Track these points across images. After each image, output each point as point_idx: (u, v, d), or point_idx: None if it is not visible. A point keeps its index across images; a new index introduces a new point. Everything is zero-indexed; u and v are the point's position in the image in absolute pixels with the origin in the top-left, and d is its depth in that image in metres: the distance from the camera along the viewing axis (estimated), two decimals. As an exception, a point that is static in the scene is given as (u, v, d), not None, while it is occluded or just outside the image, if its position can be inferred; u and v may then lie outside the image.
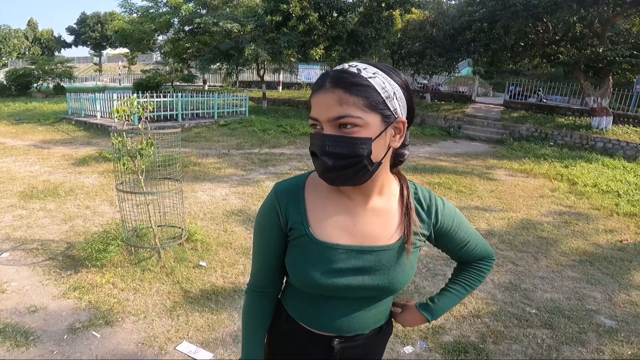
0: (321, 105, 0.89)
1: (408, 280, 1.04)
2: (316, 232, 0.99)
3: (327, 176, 0.92)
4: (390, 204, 1.02)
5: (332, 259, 0.97)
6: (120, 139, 3.30)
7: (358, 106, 0.87)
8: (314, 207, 1.00)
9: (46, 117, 12.53)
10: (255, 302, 1.14)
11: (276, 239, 1.04)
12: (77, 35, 40.99)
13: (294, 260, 1.02)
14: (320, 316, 1.06)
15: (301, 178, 1.05)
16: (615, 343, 2.81)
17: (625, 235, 4.88)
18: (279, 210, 1.01)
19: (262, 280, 1.12)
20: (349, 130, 0.87)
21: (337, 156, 0.88)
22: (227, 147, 9.38)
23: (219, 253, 3.92)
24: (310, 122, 0.94)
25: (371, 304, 1.06)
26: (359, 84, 0.88)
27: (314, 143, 0.92)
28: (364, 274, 0.99)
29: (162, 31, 18.26)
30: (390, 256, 1.00)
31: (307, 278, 0.99)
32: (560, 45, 12.81)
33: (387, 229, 1.00)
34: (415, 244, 1.03)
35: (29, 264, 3.58)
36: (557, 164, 9.02)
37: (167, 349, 2.58)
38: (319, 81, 0.92)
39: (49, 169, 6.85)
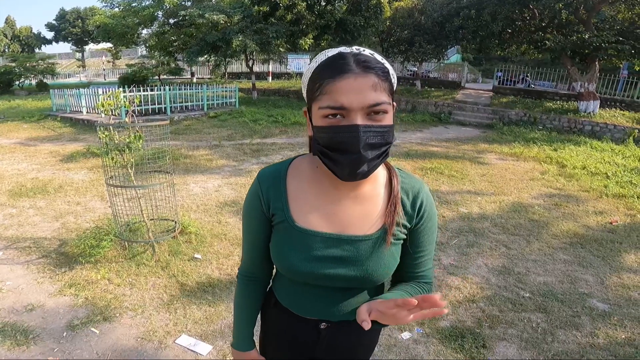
0: (352, 91, 0.82)
1: (389, 272, 1.00)
2: (296, 218, 0.97)
3: (359, 172, 0.86)
4: (376, 191, 0.98)
5: (311, 246, 0.96)
6: (107, 133, 3.25)
7: (386, 91, 0.85)
8: (296, 193, 0.99)
9: (31, 115, 12.30)
10: (246, 287, 1.15)
11: (261, 224, 1.03)
12: (57, 31, 40.06)
13: (275, 246, 1.01)
14: (305, 302, 1.06)
15: (284, 164, 1.03)
16: (609, 327, 2.84)
17: (615, 217, 4.96)
18: (261, 196, 1.00)
19: (251, 266, 1.12)
20: (381, 117, 0.85)
21: (374, 147, 0.85)
22: (218, 138, 9.30)
23: (214, 245, 3.91)
24: (324, 112, 0.85)
25: (355, 293, 1.04)
26: (385, 69, 0.86)
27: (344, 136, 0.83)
28: (342, 263, 0.96)
29: (146, 25, 17.90)
30: (368, 246, 0.96)
31: (287, 264, 0.98)
32: (546, 32, 12.88)
33: (368, 217, 0.97)
34: (397, 235, 0.99)
35: (23, 262, 3.54)
36: (546, 147, 9.11)
37: (167, 342, 2.58)
38: (338, 64, 0.84)
39: (37, 167, 6.75)
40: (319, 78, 0.85)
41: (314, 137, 0.90)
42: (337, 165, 0.86)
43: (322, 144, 0.87)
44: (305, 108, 0.96)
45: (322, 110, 0.85)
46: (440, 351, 2.54)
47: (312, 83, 0.88)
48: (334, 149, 0.85)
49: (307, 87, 0.90)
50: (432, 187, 5.92)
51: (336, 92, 0.82)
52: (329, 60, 0.86)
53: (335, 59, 0.85)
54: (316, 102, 0.86)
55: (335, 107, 0.82)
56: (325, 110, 0.84)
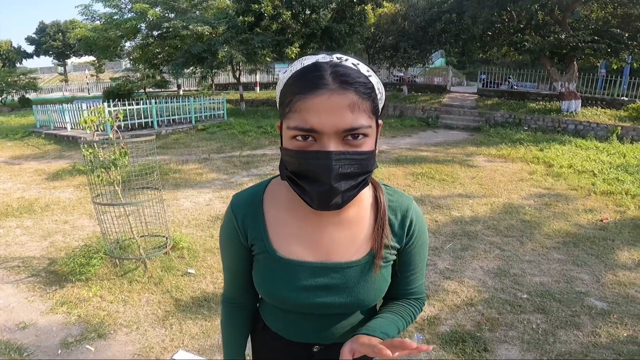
0: (325, 111, 0.70)
1: (380, 295, 0.94)
2: (277, 248, 0.89)
3: (332, 204, 0.75)
4: (362, 214, 0.90)
5: (296, 277, 0.88)
6: (91, 150, 3.19)
7: (367, 112, 0.73)
8: (275, 220, 0.90)
9: (14, 132, 12.12)
10: (231, 314, 1.08)
11: (240, 254, 0.95)
12: (38, 45, 39.46)
13: (258, 277, 0.93)
14: (295, 329, 0.99)
15: (259, 188, 0.94)
16: (610, 325, 2.84)
17: (605, 214, 5.03)
18: (236, 225, 0.92)
19: (234, 293, 1.05)
20: (359, 142, 0.73)
21: (349, 177, 0.74)
22: (207, 151, 9.24)
23: (207, 259, 3.85)
24: (292, 133, 0.73)
25: (347, 316, 0.97)
26: (367, 84, 0.74)
27: (313, 164, 0.72)
28: (331, 292, 0.89)
29: (129, 37, 17.73)
30: (357, 272, 0.89)
31: (272, 294, 0.91)
32: (525, 33, 13.13)
33: (355, 242, 0.89)
34: (387, 258, 0.91)
35: (12, 281, 3.46)
36: (532, 147, 9.23)
37: (164, 358, 2.52)
38: (312, 77, 0.71)
39: (22, 186, 6.62)
40: (290, 92, 0.74)
41: (282, 160, 0.81)
42: (305, 194, 0.77)
43: (290, 169, 0.78)
44: (278, 122, 0.84)
45: (290, 131, 0.74)
46: (442, 357, 2.53)
47: (283, 96, 0.77)
48: (303, 176, 0.75)
49: (279, 100, 0.80)
50: (424, 192, 5.94)
51: (306, 111, 0.70)
52: (302, 71, 0.74)
53: (309, 70, 0.73)
54: (286, 120, 0.76)
55: (304, 129, 0.71)
56: (293, 131, 0.73)
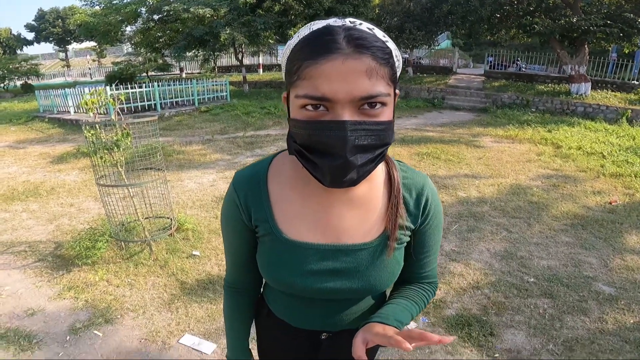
0: (339, 77, 0.63)
1: (393, 279, 0.89)
2: (283, 229, 0.83)
3: (346, 180, 0.69)
4: (375, 192, 0.84)
5: (304, 260, 0.83)
6: (93, 131, 3.16)
7: (385, 79, 0.67)
8: (280, 199, 0.84)
9: (18, 117, 12.09)
10: (234, 299, 1.03)
11: (243, 236, 0.90)
12: (38, 32, 39.15)
13: (263, 260, 0.88)
14: (301, 315, 0.95)
15: (263, 164, 0.87)
16: (617, 311, 2.79)
17: (614, 197, 4.96)
18: (239, 205, 0.86)
19: (237, 277, 1.00)
20: (376, 111, 0.67)
21: (366, 150, 0.68)
22: (211, 132, 9.19)
23: (212, 241, 3.84)
24: (302, 102, 0.67)
25: (357, 302, 0.93)
26: (385, 49, 0.67)
27: (326, 135, 0.66)
28: (340, 276, 0.84)
29: (130, 22, 17.51)
30: (369, 255, 0.83)
31: (277, 279, 0.86)
32: (534, 16, 12.86)
33: (366, 222, 0.84)
34: (400, 239, 0.86)
35: (20, 267, 3.46)
36: (540, 129, 9.10)
37: (170, 342, 2.53)
38: (323, 41, 0.65)
39: (28, 169, 6.62)
40: (299, 58, 0.67)
41: (290, 132, 0.74)
42: (317, 170, 0.70)
43: (299, 141, 0.71)
44: (284, 93, 0.77)
45: (299, 100, 0.67)
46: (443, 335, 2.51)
47: (290, 63, 0.70)
48: (313, 149, 0.69)
49: (285, 68, 0.73)
50: (430, 172, 5.88)
51: (318, 77, 0.64)
52: (312, 35, 0.67)
53: (320, 34, 0.66)
54: (294, 89, 0.69)
55: (315, 97, 0.65)
56: (303, 99, 0.67)
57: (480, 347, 2.45)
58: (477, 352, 2.42)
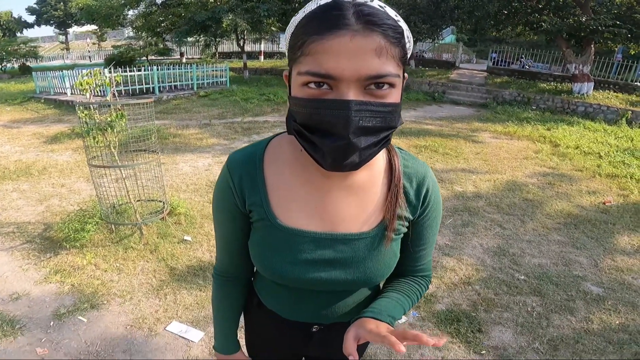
0: (346, 55, 0.60)
1: (388, 271, 0.86)
2: (278, 215, 0.80)
3: (348, 163, 0.66)
4: (373, 180, 0.81)
5: (299, 249, 0.80)
6: (87, 112, 3.11)
7: (395, 59, 0.63)
8: (276, 183, 0.80)
9: (14, 97, 11.95)
10: (223, 289, 0.99)
11: (236, 221, 0.86)
12: (39, 15, 38.72)
13: (255, 248, 0.84)
14: (293, 306, 0.92)
15: (259, 146, 0.83)
16: (603, 312, 2.79)
17: (608, 197, 4.94)
18: (233, 188, 0.82)
19: (227, 265, 0.96)
20: (383, 92, 0.64)
21: (370, 132, 0.64)
22: (209, 117, 9.12)
23: (204, 226, 3.81)
24: (304, 79, 0.63)
25: (350, 294, 0.91)
26: (397, 28, 0.63)
27: (328, 114, 0.62)
28: (336, 266, 0.81)
29: (132, 5, 17.30)
30: (366, 245, 0.81)
31: (270, 268, 0.82)
32: (543, 14, 12.76)
33: (365, 211, 0.81)
34: (398, 230, 0.83)
35: (7, 248, 3.42)
36: (539, 126, 9.07)
37: (157, 330, 2.50)
38: (331, 16, 0.61)
39: (20, 149, 6.55)
40: (303, 33, 0.63)
41: (290, 111, 0.71)
42: (317, 151, 0.67)
43: (299, 121, 0.67)
44: (285, 72, 0.73)
45: (302, 77, 0.64)
46: (436, 335, 2.49)
47: (294, 39, 0.66)
48: (314, 129, 0.65)
49: (289, 44, 0.69)
50: (426, 167, 5.86)
51: (323, 53, 0.60)
52: (319, 10, 0.63)
53: (327, 9, 0.62)
54: (296, 65, 0.65)
55: (320, 74, 0.61)
56: (305, 76, 0.63)
57: (468, 344, 2.43)
58: (464, 348, 2.41)
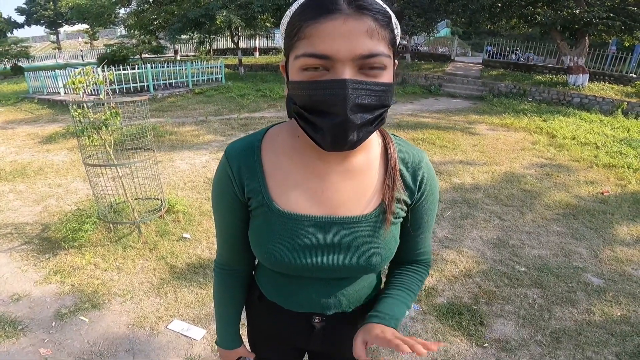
0: (340, 36, 0.63)
1: (390, 256, 0.86)
2: (277, 200, 0.81)
3: (348, 141, 0.68)
4: (369, 164, 0.82)
5: (298, 234, 0.80)
6: (80, 110, 3.08)
7: (385, 41, 0.67)
8: (274, 170, 0.82)
9: (7, 98, 11.88)
10: (224, 281, 1.00)
11: (235, 210, 0.86)
12: (29, 15, 38.33)
13: (255, 235, 0.85)
14: (294, 296, 0.92)
15: (257, 135, 0.85)
16: (605, 303, 2.79)
17: (606, 187, 4.96)
18: (232, 176, 0.83)
19: (228, 257, 0.97)
20: (376, 73, 0.67)
21: (366, 110, 0.67)
22: (205, 114, 9.07)
23: (203, 223, 3.79)
24: (302, 62, 0.66)
25: (351, 281, 0.91)
26: (385, 13, 0.67)
27: (326, 94, 0.65)
28: (337, 251, 0.82)
29: (124, 4, 17.17)
30: (366, 228, 0.81)
31: (270, 255, 0.82)
32: (537, 7, 12.78)
33: (364, 194, 0.82)
34: (397, 213, 0.84)
35: (5, 250, 3.39)
36: (536, 118, 9.08)
37: (159, 328, 2.49)
38: (324, 2, 0.64)
39: (15, 149, 6.50)
40: (299, 20, 0.66)
41: (290, 95, 0.73)
42: (317, 131, 0.69)
43: (299, 103, 0.70)
44: (282, 62, 0.76)
45: (300, 60, 0.66)
46: (438, 329, 2.50)
47: (290, 27, 0.69)
48: (314, 110, 0.68)
49: (285, 33, 0.71)
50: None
51: (318, 37, 0.64)
52: None
53: None
54: (293, 51, 0.68)
55: (316, 55, 0.64)
56: (302, 59, 0.66)
57: (470, 337, 2.44)
58: (467, 341, 2.41)
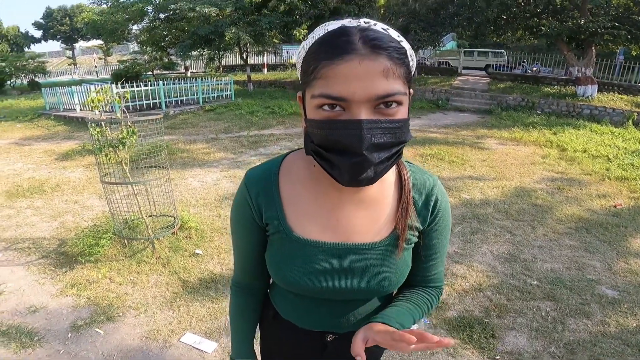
0: (356, 78, 0.64)
1: (402, 280, 0.89)
2: (294, 227, 0.84)
3: (363, 179, 0.70)
4: (383, 192, 0.85)
5: (313, 259, 0.83)
6: (99, 129, 3.18)
7: (401, 78, 0.68)
8: (291, 197, 0.85)
9: (24, 114, 12.16)
10: (240, 300, 1.04)
11: (253, 234, 0.90)
12: (46, 30, 39.71)
13: (272, 259, 0.89)
14: (308, 315, 0.95)
15: (274, 163, 0.88)
16: (620, 315, 2.78)
17: (619, 200, 4.93)
18: (250, 203, 0.86)
19: (245, 277, 1.01)
20: (392, 110, 0.68)
21: (383, 148, 0.69)
22: (215, 131, 9.21)
23: (214, 239, 3.85)
24: (319, 101, 0.68)
25: (364, 303, 0.94)
26: (400, 50, 0.68)
27: (342, 134, 0.67)
28: (350, 275, 0.85)
29: (136, 20, 17.58)
30: (379, 255, 0.85)
31: (287, 279, 0.86)
32: (542, 18, 12.85)
33: (376, 222, 0.85)
34: (410, 240, 0.87)
35: (23, 263, 3.48)
36: (545, 131, 9.06)
37: (172, 341, 2.53)
38: (339, 42, 0.66)
39: (33, 166, 6.66)
40: (315, 59, 0.68)
41: (307, 132, 0.75)
42: (334, 169, 0.71)
43: (316, 141, 0.71)
44: (299, 93, 0.77)
45: (317, 100, 0.68)
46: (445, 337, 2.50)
47: (306, 64, 0.71)
48: (331, 148, 0.69)
49: (301, 69, 0.73)
50: (433, 173, 5.86)
51: (334, 78, 0.65)
52: (328, 36, 0.68)
53: (336, 35, 0.67)
54: (310, 89, 0.70)
55: (333, 97, 0.66)
56: (319, 99, 0.67)
57: (481, 349, 2.43)
58: (478, 354, 2.41)
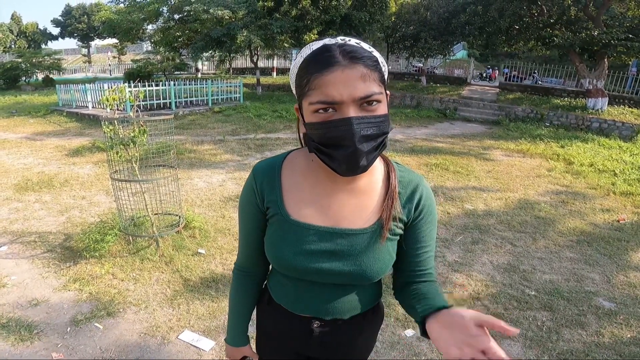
0: (341, 83, 0.80)
1: (384, 269, 0.97)
2: (290, 211, 0.96)
3: (359, 166, 0.84)
4: (374, 185, 0.97)
5: (304, 240, 0.94)
6: (112, 127, 3.25)
7: (376, 81, 0.83)
8: (290, 186, 0.98)
9: (37, 110, 12.35)
10: (241, 282, 1.15)
11: (256, 218, 1.03)
12: (63, 27, 40.32)
13: (269, 239, 1.00)
14: (297, 299, 1.05)
15: (279, 158, 1.02)
16: (615, 326, 2.79)
17: (622, 215, 4.91)
18: (255, 189, 1.00)
19: (247, 261, 1.13)
20: (374, 107, 0.83)
21: (370, 139, 0.83)
22: (223, 133, 9.30)
23: (218, 240, 3.91)
24: (315, 107, 0.83)
25: (348, 290, 1.02)
26: (373, 58, 0.84)
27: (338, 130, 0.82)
28: (335, 258, 0.95)
29: (151, 20, 17.87)
30: (363, 240, 0.94)
31: (279, 257, 0.97)
32: (555, 29, 12.77)
33: (364, 211, 0.96)
34: (393, 230, 0.97)
35: (28, 256, 3.56)
36: (553, 144, 9.03)
37: (170, 338, 2.58)
38: (324, 57, 0.82)
39: (43, 161, 6.78)
40: (306, 73, 0.84)
41: (308, 134, 0.89)
42: (334, 161, 0.85)
43: (317, 140, 0.86)
44: (296, 105, 0.94)
45: (313, 106, 0.83)
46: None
47: (299, 79, 0.86)
48: (329, 144, 0.84)
49: (295, 83, 0.89)
50: (437, 183, 5.88)
51: (325, 86, 0.80)
52: (314, 54, 0.84)
53: (320, 52, 0.83)
54: (306, 98, 0.85)
55: (326, 102, 0.81)
56: (315, 105, 0.82)
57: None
58: (472, 363, 2.42)
